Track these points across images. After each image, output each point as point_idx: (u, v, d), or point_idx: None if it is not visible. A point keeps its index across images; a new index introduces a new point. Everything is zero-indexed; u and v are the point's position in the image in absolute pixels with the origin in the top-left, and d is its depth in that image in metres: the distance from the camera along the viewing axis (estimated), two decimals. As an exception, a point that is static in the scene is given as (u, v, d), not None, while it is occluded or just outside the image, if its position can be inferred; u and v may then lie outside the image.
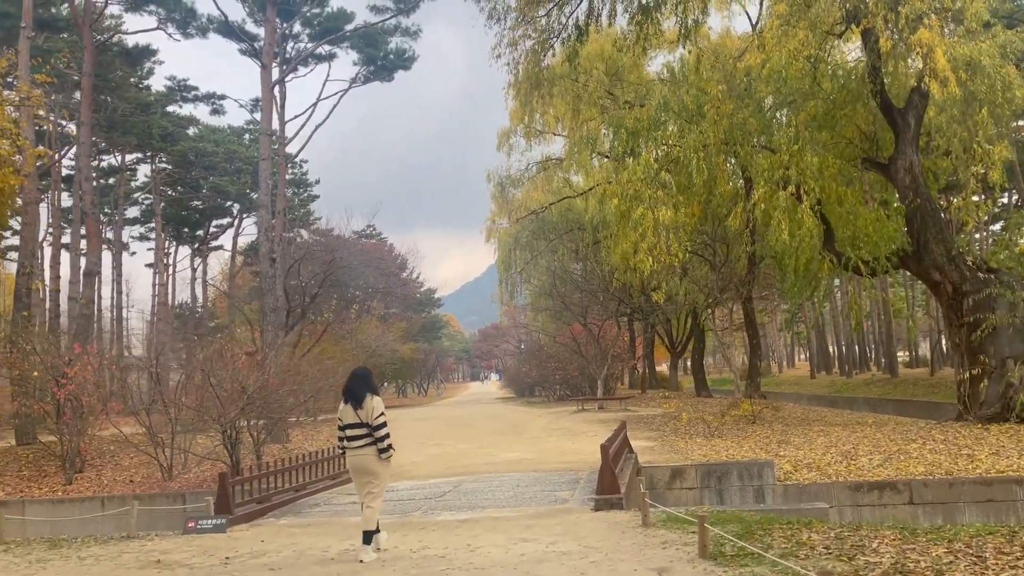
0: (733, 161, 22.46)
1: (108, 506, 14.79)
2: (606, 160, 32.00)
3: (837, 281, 36.32)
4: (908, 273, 31.35)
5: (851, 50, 22.46)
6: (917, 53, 18.06)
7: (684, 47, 22.50)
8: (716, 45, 27.36)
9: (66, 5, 31.28)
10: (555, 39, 22.00)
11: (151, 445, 16.93)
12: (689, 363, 53.95)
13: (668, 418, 24.27)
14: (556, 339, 41.97)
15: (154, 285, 50.55)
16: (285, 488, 12.06)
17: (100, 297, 44.84)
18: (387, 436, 7.72)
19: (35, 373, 17.72)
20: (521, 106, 30.56)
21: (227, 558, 7.85)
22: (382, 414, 7.75)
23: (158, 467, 16.86)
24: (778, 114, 22.05)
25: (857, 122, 21.51)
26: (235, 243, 55.17)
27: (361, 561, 7.30)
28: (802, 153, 19.05)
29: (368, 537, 7.60)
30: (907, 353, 61.09)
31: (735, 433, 19.78)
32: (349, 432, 7.79)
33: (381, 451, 7.67)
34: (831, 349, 70.14)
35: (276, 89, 29.36)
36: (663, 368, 54.58)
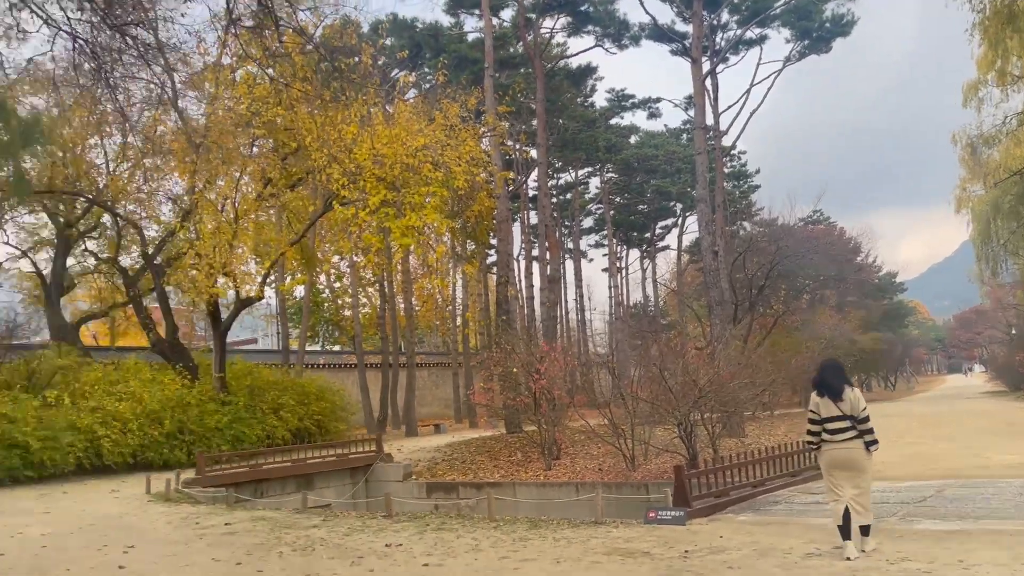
0: None
1: (581, 492, 16.00)
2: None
3: None
4: None
5: None
6: None
7: None
8: None
9: (520, 43, 35.29)
10: (1033, -42, 18.25)
11: (614, 436, 17.95)
12: None
13: None
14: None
15: (610, 287, 54.44)
16: (742, 483, 11.71)
17: (565, 301, 49.58)
18: (872, 429, 7.30)
19: (514, 369, 20.07)
20: (991, 48, 25.98)
21: (686, 551, 7.79)
22: (865, 406, 7.33)
23: (622, 457, 17.79)
24: None
25: None
26: (680, 241, 56.72)
27: (848, 559, 6.94)
28: None
29: (866, 529, 7.25)
30: None
31: None
32: (830, 425, 7.37)
33: (868, 444, 7.25)
34: None
35: (707, 82, 29.36)
36: None
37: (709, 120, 29.50)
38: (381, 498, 13.46)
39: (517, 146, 39.71)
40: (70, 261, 24.88)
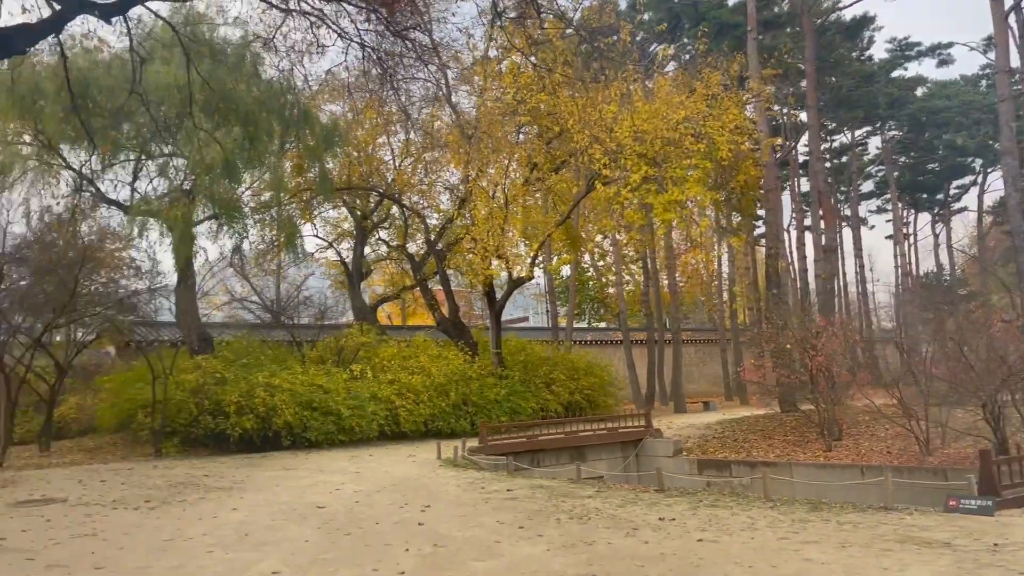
0: None
1: (867, 475, 14.95)
2: None
3: None
4: None
5: None
6: None
7: None
8: None
9: (785, 1, 33.27)
10: None
11: (904, 417, 16.51)
12: None
13: None
14: None
15: (895, 256, 49.73)
16: (1066, 474, 10.27)
17: (844, 272, 46.21)
18: None
19: (787, 346, 19.14)
20: None
21: (995, 544, 7.02)
22: None
23: (913, 440, 16.34)
24: None
25: None
26: (980, 202, 50.35)
27: None
28: None
29: None
30: None
31: None
32: None
33: None
34: None
35: (1011, 18, 25.67)
36: None
37: (1014, 62, 25.83)
38: (652, 472, 13.59)
39: (785, 110, 37.55)
40: (367, 250, 27.84)
